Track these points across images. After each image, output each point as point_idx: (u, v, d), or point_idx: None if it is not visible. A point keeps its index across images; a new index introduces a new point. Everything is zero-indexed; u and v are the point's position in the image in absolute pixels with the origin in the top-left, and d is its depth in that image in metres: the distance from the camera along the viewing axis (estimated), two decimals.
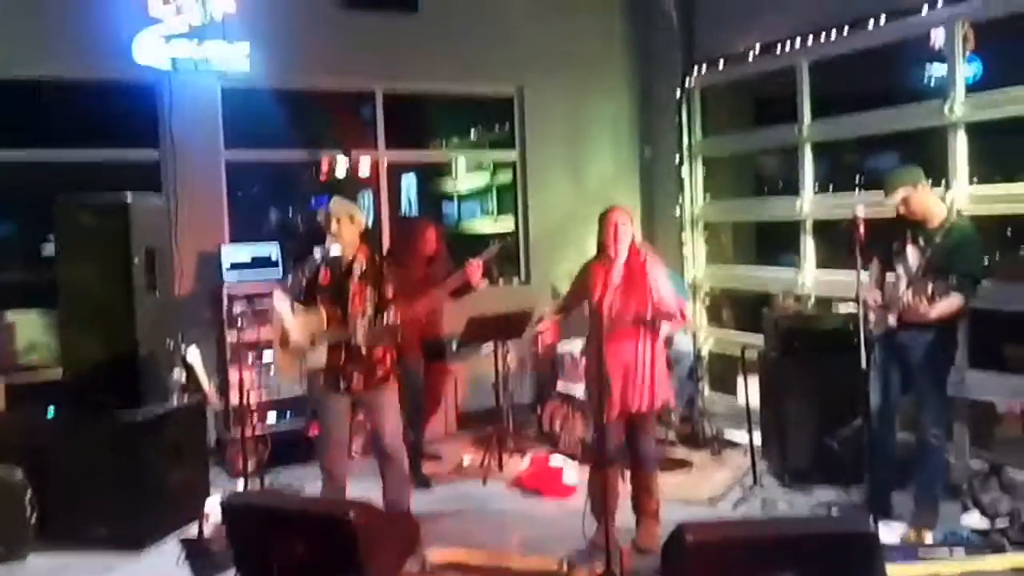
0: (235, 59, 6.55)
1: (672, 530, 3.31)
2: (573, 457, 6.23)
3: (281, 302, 4.91)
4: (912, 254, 4.83)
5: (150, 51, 6.30)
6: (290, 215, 8.54)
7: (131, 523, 5.09)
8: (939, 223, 4.79)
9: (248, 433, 5.95)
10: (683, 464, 6.30)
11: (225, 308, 6.43)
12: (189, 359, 5.75)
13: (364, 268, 4.83)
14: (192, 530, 5.07)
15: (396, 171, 8.44)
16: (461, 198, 10.23)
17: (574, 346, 6.73)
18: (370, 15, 7.24)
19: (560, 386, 6.82)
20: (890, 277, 4.94)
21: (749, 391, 6.19)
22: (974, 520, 4.84)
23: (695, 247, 8.02)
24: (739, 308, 8.05)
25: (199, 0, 6.31)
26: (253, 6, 6.59)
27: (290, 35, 6.93)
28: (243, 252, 6.74)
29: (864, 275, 4.75)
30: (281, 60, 6.95)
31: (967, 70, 5.72)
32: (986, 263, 4.70)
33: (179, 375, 5.60)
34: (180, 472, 5.36)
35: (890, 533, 4.64)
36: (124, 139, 6.87)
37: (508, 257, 8.21)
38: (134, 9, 6.26)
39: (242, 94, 7.04)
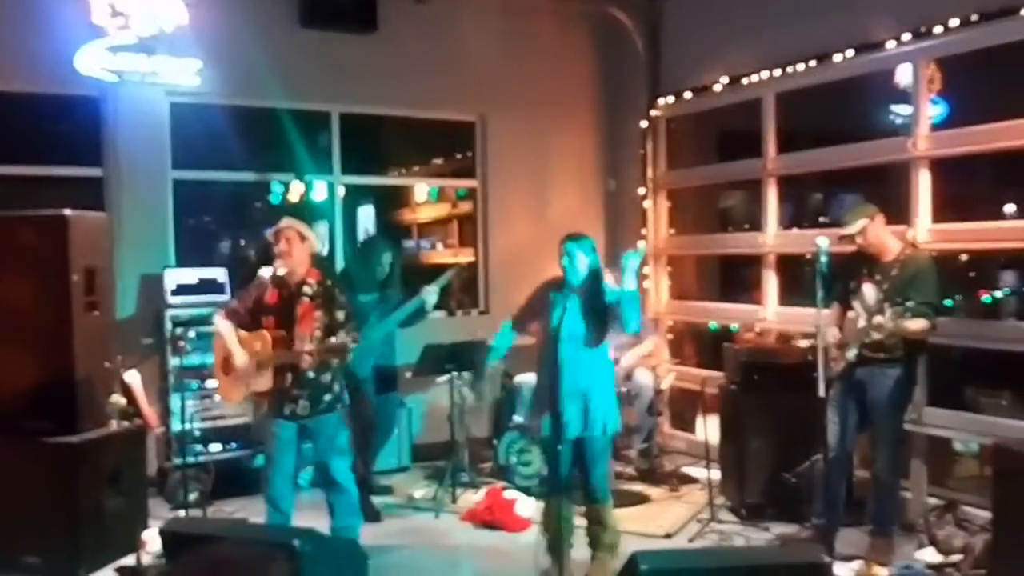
0: (185, 74, 6.57)
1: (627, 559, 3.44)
2: (528, 491, 6.37)
3: (223, 324, 4.96)
4: (869, 290, 5.09)
5: (94, 63, 6.28)
6: (241, 243, 8.56)
7: (66, 552, 5.07)
8: (894, 257, 5.08)
9: (190, 461, 6.06)
10: (641, 499, 6.47)
11: (168, 332, 6.43)
12: (129, 383, 5.79)
13: (315, 289, 4.89)
14: (130, 560, 5.10)
15: (353, 201, 8.50)
16: (420, 228, 10.34)
17: (531, 377, 6.91)
18: (327, 34, 7.27)
19: (517, 418, 6.95)
20: (849, 314, 5.19)
21: (709, 426, 6.40)
22: (928, 555, 5.08)
23: (658, 281, 8.26)
24: (701, 344, 8.28)
25: (147, 11, 6.24)
26: (206, 21, 6.57)
27: (244, 52, 6.87)
28: (189, 275, 6.72)
29: (824, 311, 5.04)
30: (234, 77, 6.96)
31: (933, 111, 6.04)
32: (951, 302, 4.93)
33: (118, 400, 5.59)
34: (118, 500, 5.35)
35: (845, 568, 4.86)
36: (66, 155, 6.82)
37: (467, 287, 8.34)
38: (78, 20, 6.23)
39: (192, 112, 7.03)
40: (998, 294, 6.66)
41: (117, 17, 6.24)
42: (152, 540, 5.06)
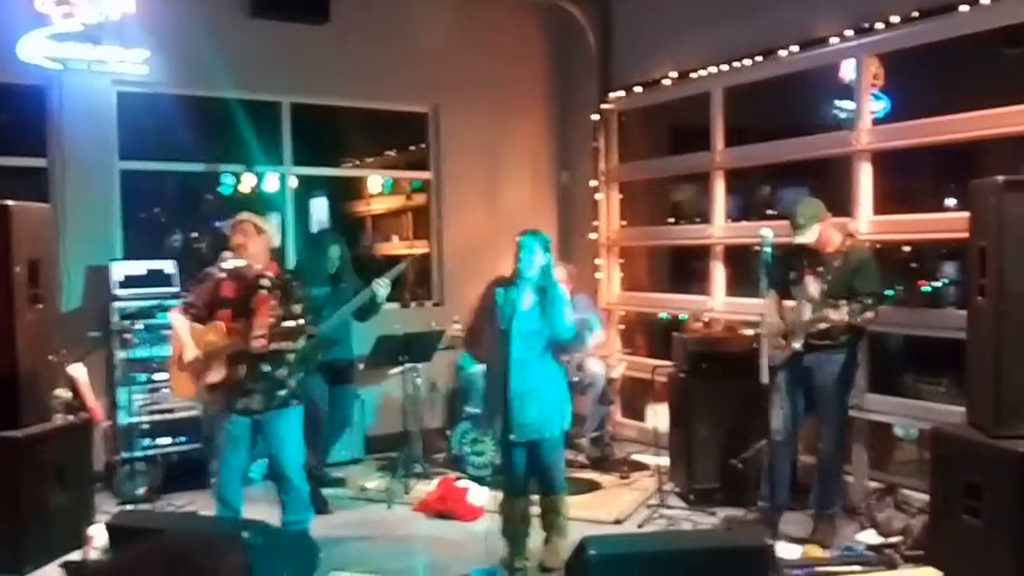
0: (132, 63, 6.54)
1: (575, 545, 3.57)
2: (481, 480, 6.46)
3: (178, 319, 4.98)
4: (812, 282, 5.28)
5: (37, 51, 6.22)
6: (192, 235, 8.48)
7: (10, 547, 5.04)
8: (835, 249, 5.26)
9: (138, 455, 6.08)
10: (592, 486, 6.61)
11: (115, 325, 6.40)
12: (75, 376, 5.77)
13: (273, 282, 4.89)
14: (76, 556, 5.09)
15: (306, 193, 8.47)
16: (375, 220, 10.31)
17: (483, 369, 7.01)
18: (278, 24, 7.26)
19: (470, 409, 7.03)
20: (788, 303, 5.38)
21: (658, 414, 6.55)
22: (869, 537, 5.29)
23: (610, 272, 8.40)
24: (652, 334, 8.42)
25: None
26: (154, 9, 6.57)
27: (193, 41, 6.83)
28: (136, 267, 6.68)
29: (767, 299, 5.24)
30: (183, 67, 6.93)
31: (875, 105, 6.24)
32: (892, 292, 5.12)
33: (63, 393, 5.56)
34: (63, 495, 5.32)
35: (789, 549, 5.04)
36: (9, 145, 6.67)
37: (421, 278, 8.39)
38: (21, 7, 6.20)
39: (140, 101, 6.98)
40: (938, 284, 6.88)
41: (62, 5, 6.22)
42: (99, 535, 5.02)
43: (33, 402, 5.28)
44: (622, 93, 8.08)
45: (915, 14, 5.64)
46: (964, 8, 5.39)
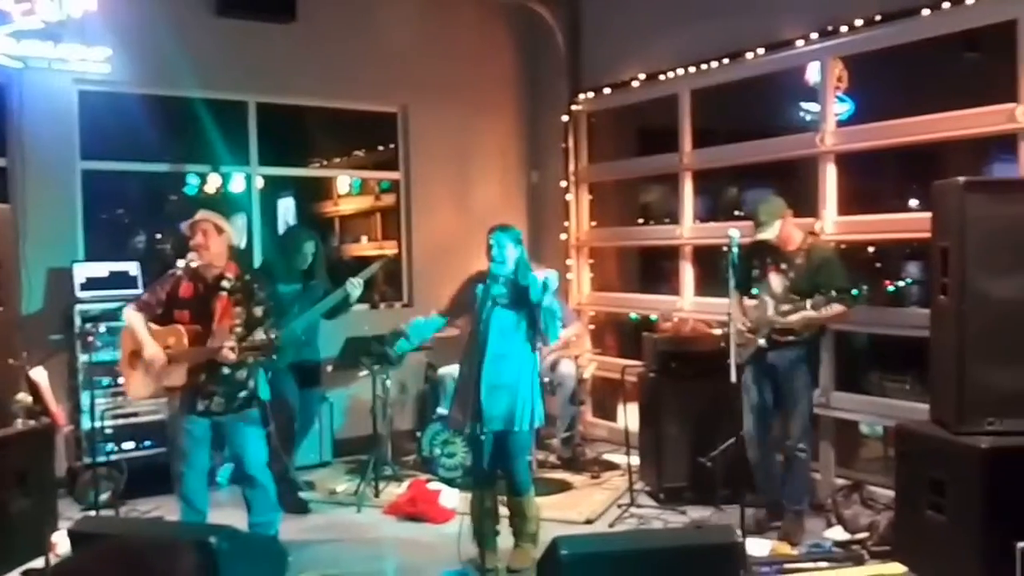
0: (94, 62, 6.48)
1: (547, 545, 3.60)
2: (452, 482, 6.49)
3: (134, 316, 4.90)
4: (775, 279, 5.41)
5: None
6: (156, 236, 8.38)
7: None
8: (797, 247, 5.41)
9: (102, 460, 5.99)
10: (563, 486, 6.66)
11: (77, 327, 6.33)
12: (36, 380, 5.68)
13: (233, 284, 4.88)
14: (39, 563, 5.01)
15: (272, 193, 8.41)
16: (343, 221, 10.26)
17: (454, 369, 7.01)
18: (244, 23, 7.23)
19: (441, 410, 7.03)
20: (750, 301, 5.50)
21: (629, 413, 6.62)
22: (836, 533, 5.38)
23: (580, 272, 8.46)
24: (622, 334, 8.49)
25: None
26: (118, 7, 6.50)
27: (157, 39, 6.79)
28: (99, 269, 6.62)
29: (732, 299, 5.31)
30: (147, 66, 6.88)
31: (839, 107, 6.34)
32: (858, 291, 5.22)
33: (24, 398, 5.42)
34: (24, 501, 5.18)
35: (758, 546, 5.12)
36: None
37: (391, 279, 8.37)
38: None
39: (103, 100, 6.92)
40: (902, 283, 7.00)
41: (22, 2, 6.12)
42: (62, 542, 4.99)
43: None
44: (591, 94, 8.15)
45: (878, 17, 5.75)
46: (926, 12, 5.50)
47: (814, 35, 6.16)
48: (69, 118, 6.91)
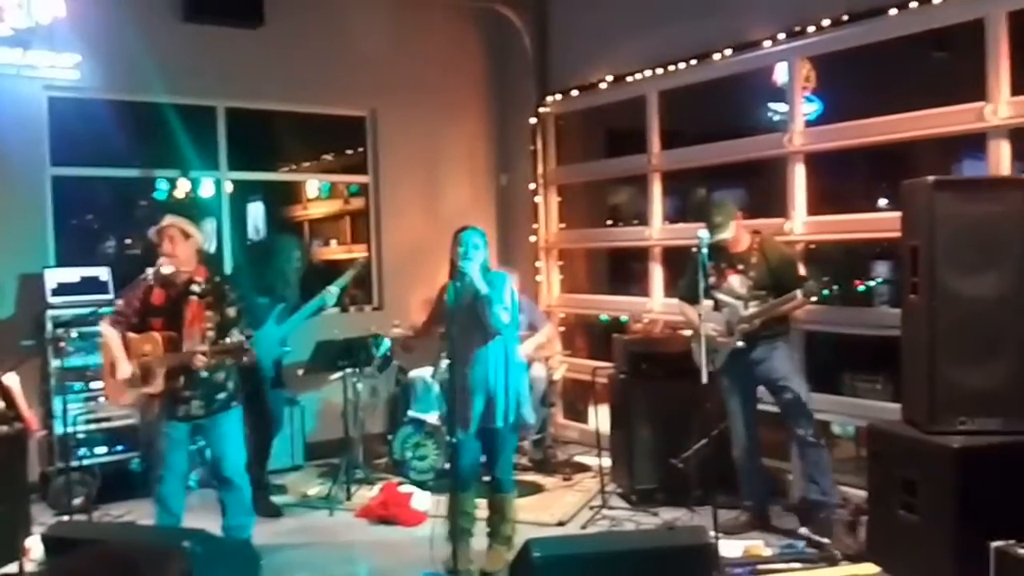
0: (63, 68, 6.40)
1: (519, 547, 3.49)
2: (424, 485, 6.35)
3: (109, 331, 4.83)
4: (736, 280, 5.33)
5: None
6: (127, 241, 8.29)
7: None
8: (747, 247, 5.35)
9: (74, 465, 5.90)
10: (535, 489, 6.50)
11: (49, 333, 6.22)
12: (8, 386, 5.50)
13: (203, 288, 4.77)
14: (12, 568, 4.88)
15: (242, 197, 8.31)
16: (312, 225, 10.16)
17: (425, 372, 6.86)
18: (211, 28, 7.11)
19: (412, 412, 6.90)
20: (707, 304, 5.26)
21: (600, 415, 6.47)
22: (809, 533, 5.19)
23: (550, 274, 8.30)
24: (593, 336, 8.35)
25: (22, 3, 6.03)
26: (86, 13, 6.41)
27: (125, 45, 6.66)
28: (70, 274, 6.51)
29: (707, 302, 5.21)
30: (116, 71, 6.77)
31: (807, 107, 6.22)
32: (827, 292, 5.10)
33: None
34: None
35: (731, 548, 4.96)
36: None
37: (361, 282, 8.19)
38: None
39: (72, 107, 6.84)
40: (872, 283, 6.91)
41: None
42: (35, 547, 4.88)
43: None
44: (559, 96, 8.01)
45: (845, 17, 5.63)
46: (893, 12, 5.39)
47: (781, 35, 6.04)
48: (39, 124, 6.80)
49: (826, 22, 5.74)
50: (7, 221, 6.51)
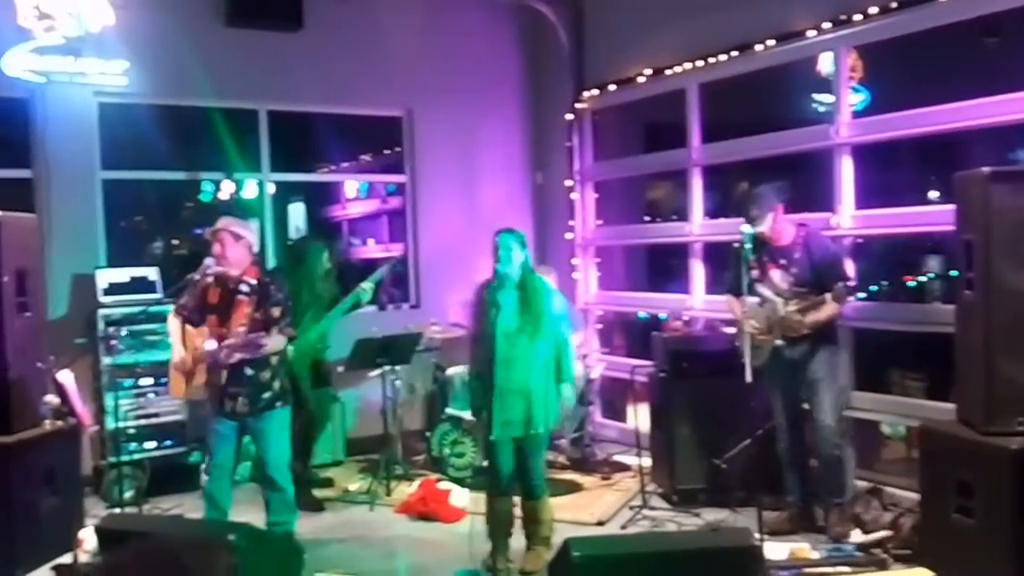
0: (112, 75, 6.41)
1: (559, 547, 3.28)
2: (462, 482, 6.16)
3: (172, 322, 4.92)
4: (777, 275, 5.01)
5: (21, 65, 6.10)
6: (173, 242, 8.28)
7: (2, 552, 4.76)
8: (791, 240, 5.02)
9: (125, 459, 5.89)
10: (573, 487, 6.24)
11: (100, 331, 6.18)
12: (62, 383, 5.42)
13: (251, 287, 4.77)
14: (67, 559, 4.83)
15: (284, 198, 8.28)
16: (351, 224, 10.09)
17: (463, 370, 6.61)
18: (253, 32, 7.04)
19: (450, 410, 6.69)
20: (752, 300, 5.05)
21: (639, 413, 6.20)
22: (856, 536, 4.87)
23: (587, 272, 8.01)
24: (631, 333, 8.05)
25: (74, 12, 6.08)
26: (133, 21, 6.41)
27: (171, 51, 6.69)
28: (120, 275, 6.48)
29: (750, 299, 4.96)
30: (162, 77, 6.76)
31: (854, 98, 5.87)
32: (876, 287, 4.81)
33: (52, 399, 5.29)
34: (53, 499, 5.07)
35: (776, 550, 4.64)
36: None
37: (398, 281, 8.04)
38: (5, 22, 6.03)
39: (121, 112, 6.83)
40: (923, 279, 6.52)
41: (44, 19, 6.12)
42: (88, 538, 4.84)
43: (23, 408, 5.03)
44: (596, 91, 7.68)
45: (894, 4, 5.26)
46: None
47: (826, 25, 5.67)
48: (90, 130, 6.77)
49: (873, 10, 5.37)
50: (61, 223, 6.51)
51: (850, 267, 5.16)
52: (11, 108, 6.49)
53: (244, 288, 4.74)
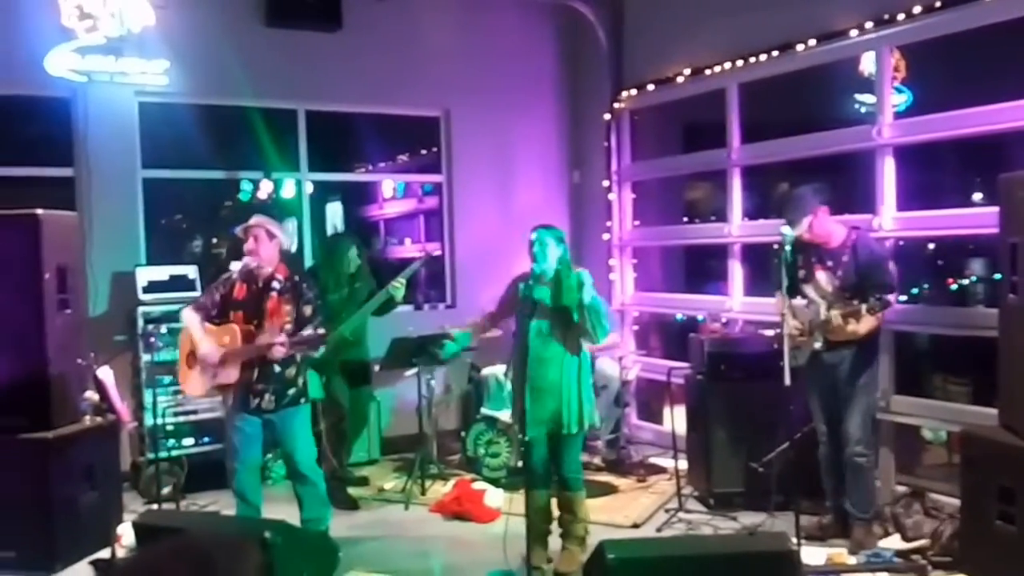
0: (153, 74, 6.49)
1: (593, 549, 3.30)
2: (496, 482, 6.16)
3: (190, 316, 4.87)
4: (823, 277, 4.95)
5: (63, 64, 6.18)
6: (212, 241, 8.39)
7: (42, 546, 4.93)
8: (841, 243, 4.95)
9: (163, 456, 5.96)
10: (609, 489, 6.22)
11: (140, 328, 6.26)
12: (102, 379, 5.54)
13: (283, 285, 4.80)
14: (105, 554, 4.91)
15: (322, 197, 8.30)
16: (388, 223, 10.15)
17: (498, 369, 6.64)
18: (292, 32, 7.09)
19: (485, 410, 6.71)
20: (799, 302, 5.02)
21: (675, 415, 6.16)
22: (895, 543, 4.84)
23: (624, 273, 7.98)
24: (668, 335, 8.04)
25: (115, 12, 6.19)
26: (173, 21, 6.49)
27: (211, 51, 6.75)
28: (160, 273, 6.55)
29: (793, 300, 4.92)
30: (201, 76, 6.82)
31: (897, 98, 5.82)
32: (917, 290, 4.75)
33: (91, 396, 5.44)
34: (92, 494, 5.22)
35: (813, 555, 4.62)
36: (38, 155, 6.68)
37: (434, 280, 8.13)
38: (48, 22, 6.13)
39: (161, 111, 6.90)
40: (965, 282, 6.43)
41: (85, 19, 6.22)
42: (126, 533, 4.94)
43: (63, 404, 5.19)
44: (634, 91, 7.64)
45: (937, 4, 5.20)
46: None
47: (869, 24, 5.61)
48: (130, 129, 6.85)
49: (917, 9, 5.31)
50: (102, 221, 6.59)
51: (894, 271, 5.09)
52: (53, 107, 6.59)
53: (275, 285, 4.77)
